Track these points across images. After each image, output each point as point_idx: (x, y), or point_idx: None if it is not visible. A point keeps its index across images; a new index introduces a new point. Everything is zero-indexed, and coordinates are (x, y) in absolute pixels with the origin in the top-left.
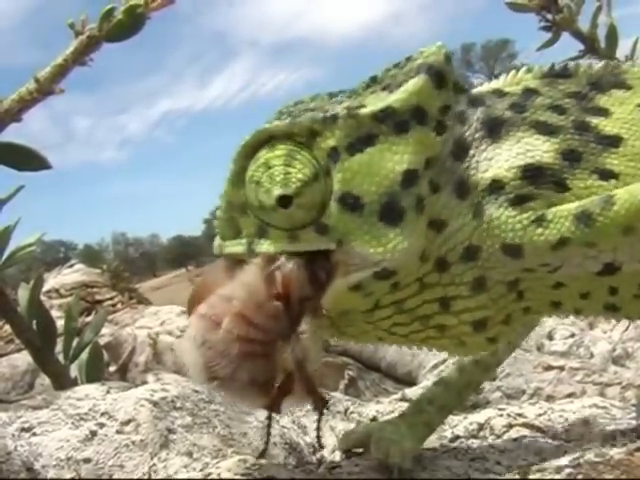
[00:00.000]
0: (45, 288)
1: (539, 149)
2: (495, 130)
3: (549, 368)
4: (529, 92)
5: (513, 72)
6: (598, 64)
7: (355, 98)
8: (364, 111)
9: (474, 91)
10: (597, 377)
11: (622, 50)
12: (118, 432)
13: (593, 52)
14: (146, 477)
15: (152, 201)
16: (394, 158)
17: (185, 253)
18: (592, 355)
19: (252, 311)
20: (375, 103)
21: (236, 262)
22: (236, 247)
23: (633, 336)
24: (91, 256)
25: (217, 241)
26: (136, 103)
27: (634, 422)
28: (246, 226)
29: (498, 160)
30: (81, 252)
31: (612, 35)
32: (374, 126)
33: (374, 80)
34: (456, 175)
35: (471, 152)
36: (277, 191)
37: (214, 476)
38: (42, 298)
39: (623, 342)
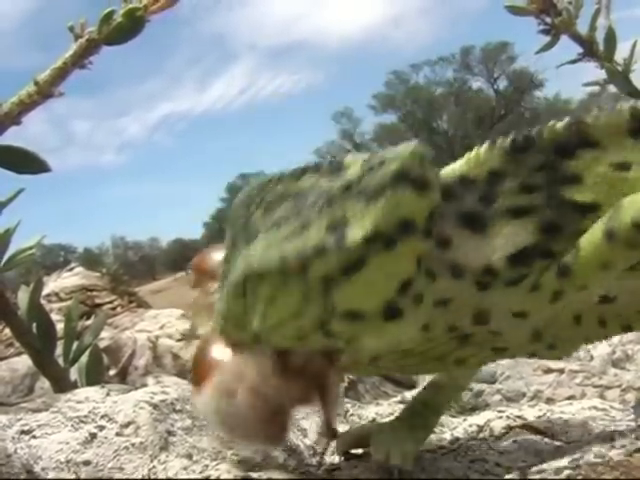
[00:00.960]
0: (45, 292)
1: (519, 234)
2: (471, 224)
3: (549, 371)
4: (495, 176)
5: (475, 152)
6: (560, 124)
7: (335, 208)
8: (352, 240)
9: (442, 177)
10: (597, 380)
11: (620, 53)
12: (118, 434)
13: (592, 55)
14: (146, 479)
15: (152, 204)
16: (387, 273)
17: (185, 256)
18: (592, 358)
19: (263, 386)
20: (358, 223)
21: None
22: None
23: (633, 339)
24: (91, 259)
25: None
26: (136, 106)
27: (633, 424)
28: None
29: (484, 251)
30: (81, 255)
31: (611, 38)
32: (363, 250)
33: (348, 187)
34: (447, 262)
35: (455, 242)
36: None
37: (213, 478)
38: (42, 302)
39: (623, 345)
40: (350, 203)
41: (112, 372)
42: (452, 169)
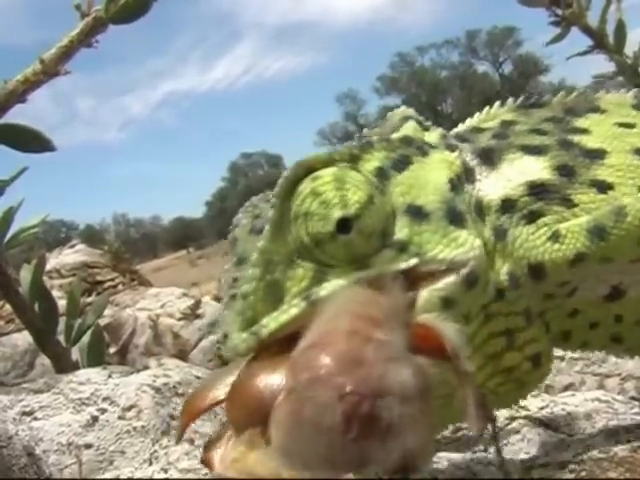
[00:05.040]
0: (46, 268)
1: (534, 167)
2: (487, 157)
3: None
4: (506, 123)
5: (486, 109)
6: (572, 94)
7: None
8: (392, 136)
9: (453, 131)
10: (596, 368)
11: (630, 43)
12: (120, 418)
13: (602, 47)
14: (147, 463)
15: (154, 182)
16: (433, 172)
17: (186, 235)
18: None
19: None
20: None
21: (276, 346)
22: (284, 315)
23: None
24: (92, 236)
25: (236, 338)
26: (139, 84)
27: (638, 417)
28: (294, 282)
29: (501, 181)
30: (82, 232)
31: (620, 30)
32: (404, 148)
33: (360, 139)
34: (473, 197)
35: (477, 177)
36: (336, 214)
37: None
38: (43, 278)
39: None
40: (371, 143)
41: (112, 350)
42: (463, 124)
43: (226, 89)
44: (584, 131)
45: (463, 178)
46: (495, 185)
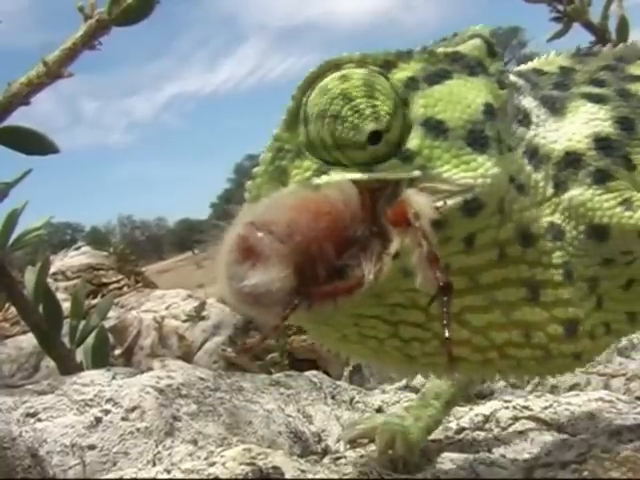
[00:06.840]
0: (51, 270)
1: (598, 117)
2: (550, 104)
3: None
4: (565, 69)
5: (545, 55)
6: (618, 46)
7: None
8: (437, 49)
9: (515, 69)
10: (602, 368)
11: (633, 39)
12: (123, 419)
13: (604, 43)
14: (150, 464)
15: (159, 184)
16: (472, 91)
17: (191, 236)
18: None
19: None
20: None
21: None
22: None
23: None
24: (98, 238)
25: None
26: (144, 86)
27: None
28: (299, 171)
29: (565, 132)
30: (88, 234)
31: (623, 26)
32: (448, 63)
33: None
34: (525, 141)
35: (534, 120)
36: (369, 126)
37: (219, 465)
38: (48, 280)
39: None
40: (411, 53)
41: (117, 352)
42: (523, 66)
43: (231, 91)
44: (638, 78)
45: (508, 122)
46: (557, 134)
